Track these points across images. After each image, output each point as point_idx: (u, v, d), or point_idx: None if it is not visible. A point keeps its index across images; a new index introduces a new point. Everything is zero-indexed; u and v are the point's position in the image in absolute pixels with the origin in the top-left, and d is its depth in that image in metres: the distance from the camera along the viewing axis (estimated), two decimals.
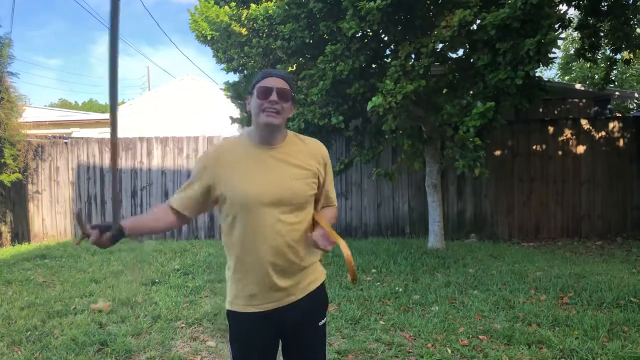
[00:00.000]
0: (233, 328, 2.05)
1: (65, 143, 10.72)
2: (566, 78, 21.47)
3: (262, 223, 1.92)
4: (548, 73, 25.87)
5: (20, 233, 10.34)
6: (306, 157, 2.03)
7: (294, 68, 8.22)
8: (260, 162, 1.97)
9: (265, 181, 1.94)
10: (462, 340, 4.04)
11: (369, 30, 6.78)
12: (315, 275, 2.10)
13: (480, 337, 4.12)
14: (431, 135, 7.87)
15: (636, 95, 13.39)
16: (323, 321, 2.12)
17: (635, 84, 19.88)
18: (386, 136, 8.02)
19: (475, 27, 6.57)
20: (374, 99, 6.29)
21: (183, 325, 4.67)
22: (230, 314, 2.05)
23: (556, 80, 20.35)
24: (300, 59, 8.04)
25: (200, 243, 9.41)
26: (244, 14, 7.86)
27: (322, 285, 2.14)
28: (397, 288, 5.62)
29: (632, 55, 9.25)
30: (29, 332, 4.48)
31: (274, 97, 1.92)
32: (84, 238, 1.89)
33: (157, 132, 11.27)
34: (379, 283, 5.94)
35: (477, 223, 9.66)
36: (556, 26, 7.12)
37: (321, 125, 7.41)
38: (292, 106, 2.03)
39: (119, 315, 4.91)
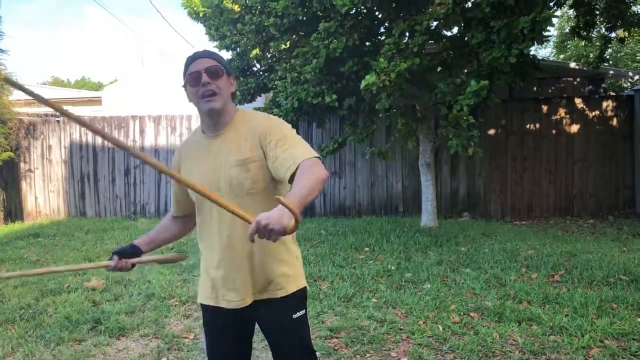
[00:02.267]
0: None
1: (58, 121, 10.63)
2: (561, 57, 21.37)
3: (210, 214, 1.94)
4: (543, 51, 25.74)
5: (13, 212, 10.31)
6: (248, 141, 1.89)
7: (287, 45, 8.13)
8: (204, 153, 1.96)
9: (206, 172, 1.92)
10: (453, 318, 4.09)
11: (362, 7, 6.70)
12: (282, 284, 1.96)
13: (472, 314, 4.17)
14: (425, 114, 7.85)
15: (630, 74, 13.37)
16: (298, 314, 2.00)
17: (629, 62, 19.81)
18: (380, 115, 7.98)
19: (469, 4, 6.49)
20: (367, 77, 6.24)
21: (176, 303, 4.70)
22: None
23: (551, 58, 20.25)
24: (294, 36, 7.94)
25: None
26: None
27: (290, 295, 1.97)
28: (389, 266, 5.66)
29: (626, 34, 9.16)
30: (23, 311, 4.50)
31: (205, 78, 1.86)
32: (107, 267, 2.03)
33: (150, 111, 11.16)
34: (371, 261, 5.98)
35: (470, 202, 9.70)
36: (551, 4, 7.07)
37: (315, 104, 7.36)
38: (230, 80, 1.96)
39: (112, 294, 4.94)
